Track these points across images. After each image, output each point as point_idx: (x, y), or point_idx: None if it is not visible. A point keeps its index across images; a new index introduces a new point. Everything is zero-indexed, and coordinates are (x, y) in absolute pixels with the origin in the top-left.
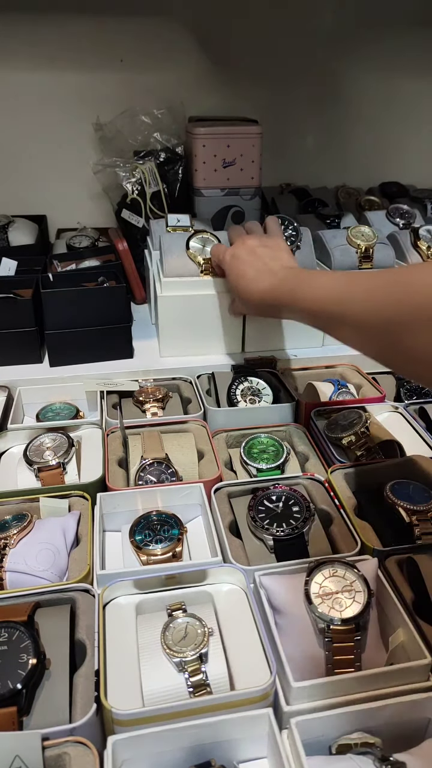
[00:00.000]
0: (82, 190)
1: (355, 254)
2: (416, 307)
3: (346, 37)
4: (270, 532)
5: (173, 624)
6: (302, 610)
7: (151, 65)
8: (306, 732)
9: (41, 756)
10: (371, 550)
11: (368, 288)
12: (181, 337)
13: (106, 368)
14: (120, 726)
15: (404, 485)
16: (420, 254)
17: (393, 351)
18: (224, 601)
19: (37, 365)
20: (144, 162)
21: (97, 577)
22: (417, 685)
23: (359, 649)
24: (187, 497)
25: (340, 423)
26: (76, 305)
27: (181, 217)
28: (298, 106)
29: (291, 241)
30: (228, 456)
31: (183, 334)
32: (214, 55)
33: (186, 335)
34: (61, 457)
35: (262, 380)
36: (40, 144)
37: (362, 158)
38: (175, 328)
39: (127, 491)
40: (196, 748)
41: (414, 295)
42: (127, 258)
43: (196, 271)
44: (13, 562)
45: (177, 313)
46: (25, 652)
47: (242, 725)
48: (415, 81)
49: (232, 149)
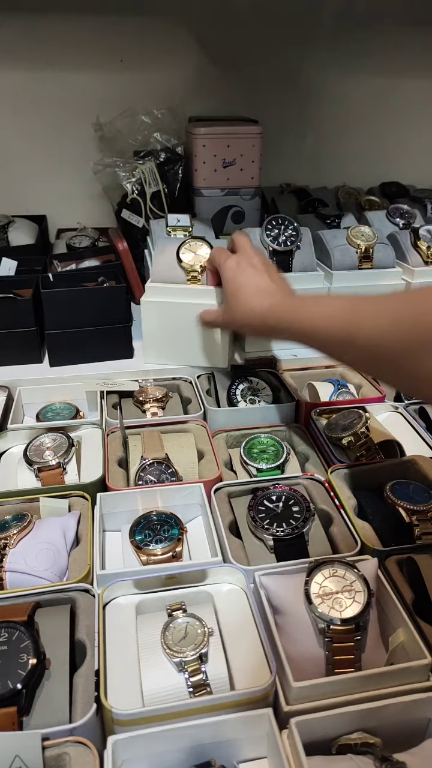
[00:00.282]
0: (82, 190)
1: (355, 254)
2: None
3: (347, 36)
4: (270, 532)
5: (173, 624)
6: (302, 610)
7: (151, 65)
8: (306, 732)
9: (41, 756)
10: (371, 550)
11: (379, 309)
12: (163, 346)
13: (106, 368)
14: (120, 726)
15: (404, 485)
16: (420, 254)
17: (409, 374)
18: (224, 601)
19: (37, 365)
20: (144, 162)
21: (97, 577)
22: (417, 685)
23: (359, 649)
24: (187, 497)
25: (340, 423)
26: (76, 305)
27: (181, 217)
28: (299, 106)
29: (291, 241)
30: (228, 456)
31: (165, 343)
32: (214, 55)
33: (168, 344)
34: (61, 457)
35: (262, 380)
36: (41, 144)
37: (362, 158)
38: (158, 336)
39: (127, 491)
40: (196, 748)
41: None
42: (127, 258)
43: (184, 279)
44: (13, 562)
45: (160, 319)
46: (25, 652)
47: (242, 725)
48: (415, 80)
49: (232, 149)
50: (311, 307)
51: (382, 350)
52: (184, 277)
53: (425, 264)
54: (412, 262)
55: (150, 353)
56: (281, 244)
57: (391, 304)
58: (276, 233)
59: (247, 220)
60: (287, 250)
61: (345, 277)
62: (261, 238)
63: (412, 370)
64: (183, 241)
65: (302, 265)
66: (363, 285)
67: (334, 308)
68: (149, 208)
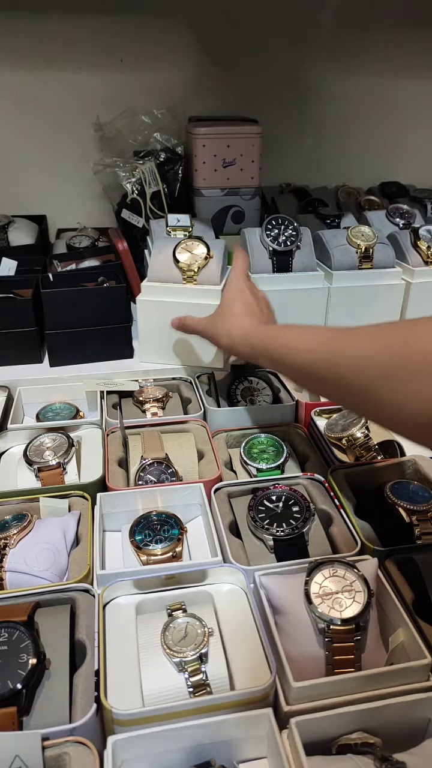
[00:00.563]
0: (82, 190)
1: (355, 254)
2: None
3: (347, 36)
4: (270, 532)
5: (173, 624)
6: (302, 610)
7: (151, 65)
8: (306, 732)
9: (41, 756)
10: (371, 550)
11: (366, 332)
12: (159, 345)
13: (106, 368)
14: (120, 726)
15: (404, 485)
16: (420, 254)
17: (387, 399)
18: (224, 601)
19: (37, 365)
20: (144, 162)
21: (97, 577)
22: (417, 685)
23: (359, 649)
24: (187, 497)
25: (340, 423)
26: (76, 305)
27: (181, 217)
28: (299, 106)
29: (291, 241)
30: (228, 456)
31: (161, 342)
32: (214, 55)
33: (164, 343)
34: (61, 457)
35: (262, 380)
36: (40, 144)
37: (362, 158)
38: (153, 335)
39: (127, 491)
40: (196, 748)
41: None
42: (127, 258)
43: (180, 278)
44: (13, 562)
45: (155, 318)
46: (25, 652)
47: (242, 725)
48: (415, 80)
49: (232, 149)
50: (292, 327)
51: (363, 372)
52: (180, 276)
53: (425, 264)
54: (412, 262)
55: (146, 352)
56: (281, 244)
57: (376, 329)
58: (276, 233)
59: (247, 220)
60: (287, 250)
61: (345, 277)
62: (261, 238)
63: (391, 395)
64: (179, 241)
65: (302, 265)
66: (363, 285)
67: (319, 330)
68: (149, 208)
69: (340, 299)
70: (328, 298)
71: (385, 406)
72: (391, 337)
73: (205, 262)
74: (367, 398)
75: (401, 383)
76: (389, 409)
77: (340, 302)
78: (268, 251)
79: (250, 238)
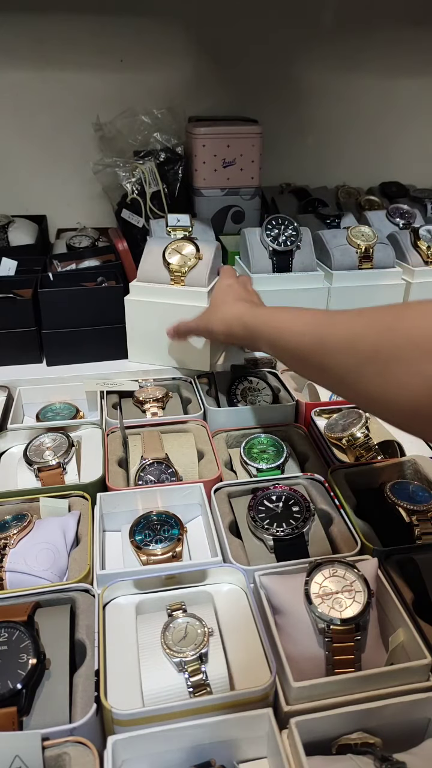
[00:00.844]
0: (82, 190)
1: (355, 254)
2: (408, 335)
3: (347, 36)
4: (270, 532)
5: (173, 624)
6: (302, 610)
7: (151, 65)
8: (306, 732)
9: (41, 756)
10: (371, 550)
11: (355, 314)
12: (147, 345)
13: (106, 368)
14: (120, 726)
15: (404, 485)
16: (420, 254)
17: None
18: (224, 601)
19: (37, 365)
20: (144, 162)
21: (97, 577)
22: (417, 685)
23: (359, 649)
24: (187, 497)
25: (340, 423)
26: (74, 305)
27: (181, 217)
28: (299, 106)
29: (291, 241)
30: (228, 456)
31: (148, 342)
32: (214, 55)
33: (151, 343)
34: (61, 457)
35: (262, 380)
36: (40, 144)
37: (362, 158)
38: (141, 334)
39: (127, 491)
40: (196, 748)
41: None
42: (127, 258)
43: (168, 279)
44: (13, 562)
45: (142, 318)
46: (25, 652)
47: (242, 725)
48: (415, 80)
49: (232, 149)
50: (286, 309)
51: (351, 354)
52: (168, 277)
53: (425, 264)
54: (412, 262)
55: (134, 352)
56: (281, 244)
57: (367, 311)
58: (276, 233)
59: (247, 220)
60: (287, 250)
61: (345, 277)
62: (261, 238)
63: (380, 377)
64: (169, 242)
65: (302, 265)
66: (363, 285)
67: (310, 312)
68: (149, 208)
69: (340, 299)
70: (328, 298)
71: (374, 390)
72: (380, 319)
73: (194, 262)
74: (356, 381)
75: (390, 366)
76: (378, 394)
77: (340, 302)
78: (268, 251)
79: (250, 238)
